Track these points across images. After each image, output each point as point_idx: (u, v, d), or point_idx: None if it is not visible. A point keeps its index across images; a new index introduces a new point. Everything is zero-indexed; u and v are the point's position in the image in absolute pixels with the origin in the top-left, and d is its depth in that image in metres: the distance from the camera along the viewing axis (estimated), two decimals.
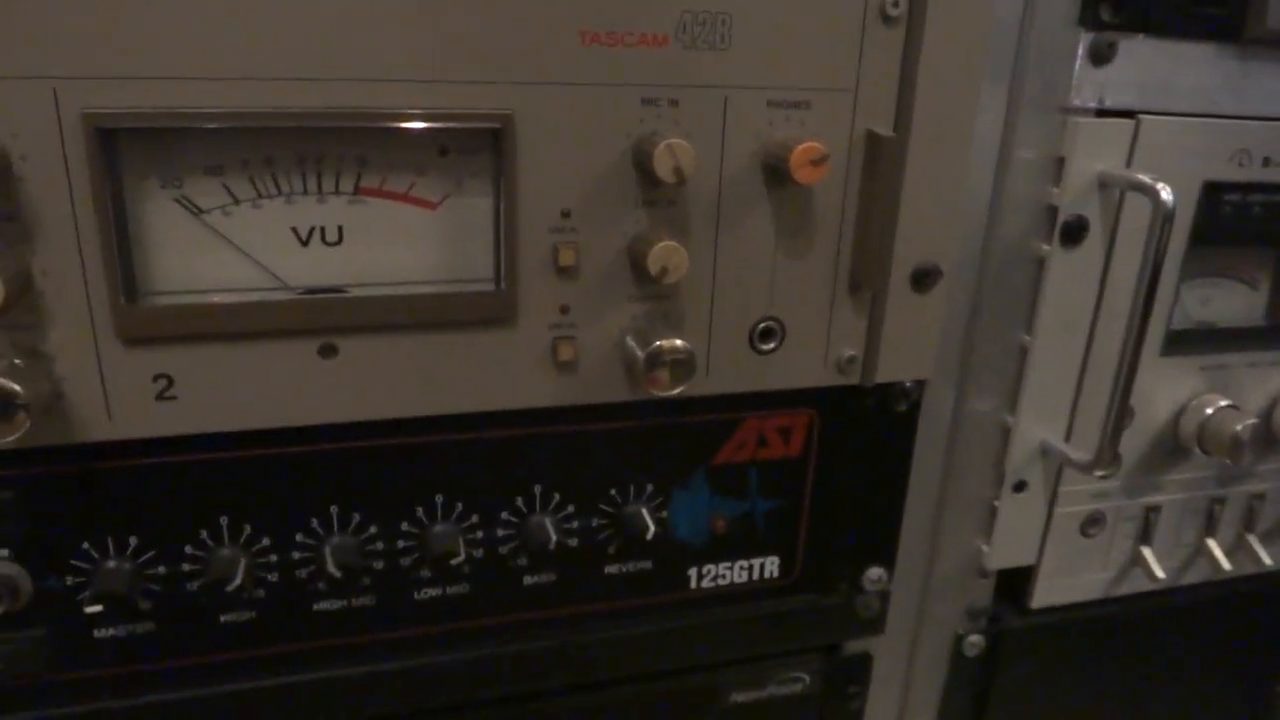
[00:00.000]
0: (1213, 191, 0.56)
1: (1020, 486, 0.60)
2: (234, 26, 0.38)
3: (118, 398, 0.41)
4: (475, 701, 0.52)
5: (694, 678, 0.57)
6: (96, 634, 0.45)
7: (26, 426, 0.37)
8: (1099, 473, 0.56)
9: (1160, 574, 0.64)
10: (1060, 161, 0.53)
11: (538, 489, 0.49)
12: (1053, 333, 0.56)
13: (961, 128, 0.48)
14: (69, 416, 0.41)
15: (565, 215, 0.44)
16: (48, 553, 0.44)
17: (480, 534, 0.49)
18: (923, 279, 0.50)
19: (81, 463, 0.43)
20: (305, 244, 0.42)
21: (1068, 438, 0.59)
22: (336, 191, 0.42)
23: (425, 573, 0.49)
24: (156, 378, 0.41)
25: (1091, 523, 0.62)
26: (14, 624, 0.44)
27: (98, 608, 0.43)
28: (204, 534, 0.45)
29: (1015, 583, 0.64)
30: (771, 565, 0.56)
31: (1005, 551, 0.61)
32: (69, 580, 0.44)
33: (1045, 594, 0.63)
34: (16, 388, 0.37)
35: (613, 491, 0.50)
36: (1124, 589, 0.65)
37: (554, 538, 0.48)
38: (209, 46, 0.38)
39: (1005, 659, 0.64)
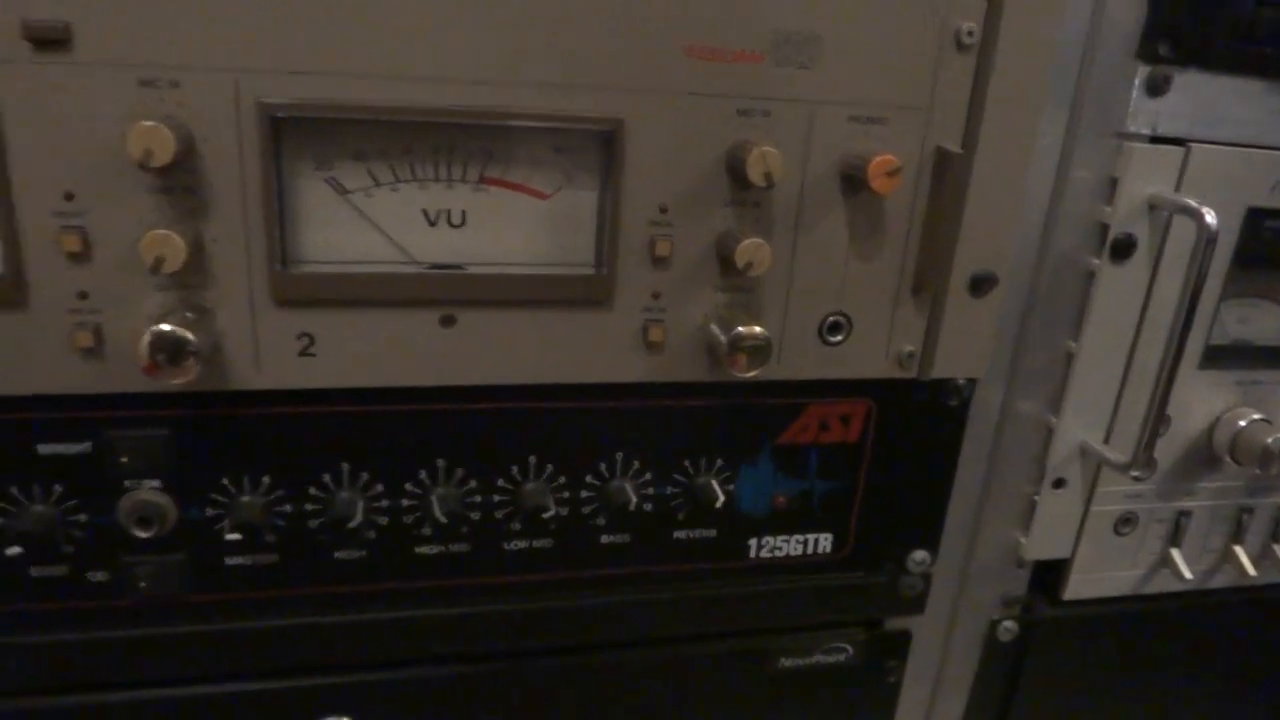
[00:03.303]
0: (1255, 217, 0.60)
1: (1059, 483, 0.64)
2: (388, 32, 0.43)
3: (266, 352, 0.47)
4: (551, 648, 0.58)
5: (746, 641, 0.62)
6: (228, 561, 0.51)
7: (195, 372, 0.43)
8: (1134, 474, 0.60)
9: (1188, 575, 0.68)
10: (1113, 183, 0.57)
11: (619, 456, 0.54)
12: (1098, 341, 0.60)
13: (1023, 147, 0.52)
14: (223, 366, 0.46)
15: (663, 210, 0.49)
16: (192, 486, 0.50)
17: (566, 494, 0.54)
18: (980, 285, 0.54)
19: (228, 407, 0.48)
20: (433, 224, 0.48)
21: (1107, 440, 0.63)
22: (464, 180, 0.47)
23: (516, 525, 0.54)
24: (300, 336, 0.47)
25: (1124, 522, 0.66)
26: (159, 548, 0.50)
27: (236, 536, 0.49)
28: (327, 478, 0.51)
29: (1050, 574, 0.68)
30: (825, 541, 0.60)
31: (1042, 544, 0.66)
32: (208, 511, 0.50)
33: (1078, 587, 0.67)
34: (190, 336, 0.43)
35: (686, 463, 0.56)
36: (1153, 587, 0.69)
37: (633, 501, 0.54)
38: (366, 49, 0.43)
39: (1036, 646, 0.69)
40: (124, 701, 0.52)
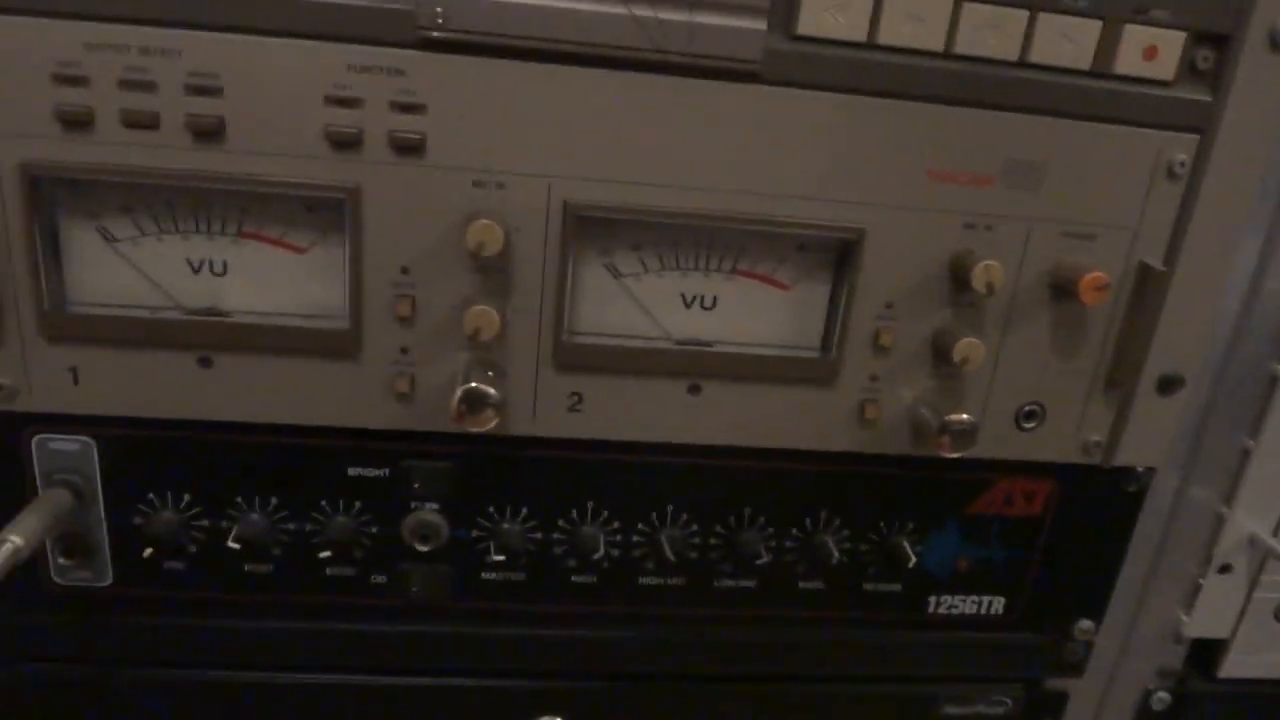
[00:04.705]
0: None
1: (1225, 569, 0.68)
2: (670, 150, 0.51)
3: (543, 405, 0.55)
4: (742, 675, 0.65)
5: (917, 686, 0.68)
6: (484, 576, 0.60)
7: (494, 422, 0.52)
8: None
9: None
10: None
11: (823, 513, 0.61)
12: (1276, 441, 0.64)
13: (1222, 265, 0.57)
14: (507, 415, 0.55)
15: (889, 306, 0.55)
16: (464, 511, 0.58)
17: (774, 543, 0.61)
18: (1168, 385, 0.59)
19: (503, 448, 0.57)
20: (688, 306, 0.55)
21: (1276, 532, 0.67)
22: (719, 270, 0.55)
23: (727, 566, 0.62)
24: (571, 394, 0.55)
25: None
26: (430, 559, 0.59)
27: (500, 557, 0.58)
28: (574, 513, 0.59)
29: (1206, 651, 0.72)
30: (998, 604, 0.66)
31: (1203, 623, 0.70)
32: (474, 533, 0.59)
33: (1233, 666, 0.71)
34: (493, 391, 0.51)
35: (882, 524, 0.62)
36: None
37: (835, 555, 0.60)
38: (652, 162, 0.51)
39: (1187, 718, 0.73)
40: (386, 685, 0.62)
